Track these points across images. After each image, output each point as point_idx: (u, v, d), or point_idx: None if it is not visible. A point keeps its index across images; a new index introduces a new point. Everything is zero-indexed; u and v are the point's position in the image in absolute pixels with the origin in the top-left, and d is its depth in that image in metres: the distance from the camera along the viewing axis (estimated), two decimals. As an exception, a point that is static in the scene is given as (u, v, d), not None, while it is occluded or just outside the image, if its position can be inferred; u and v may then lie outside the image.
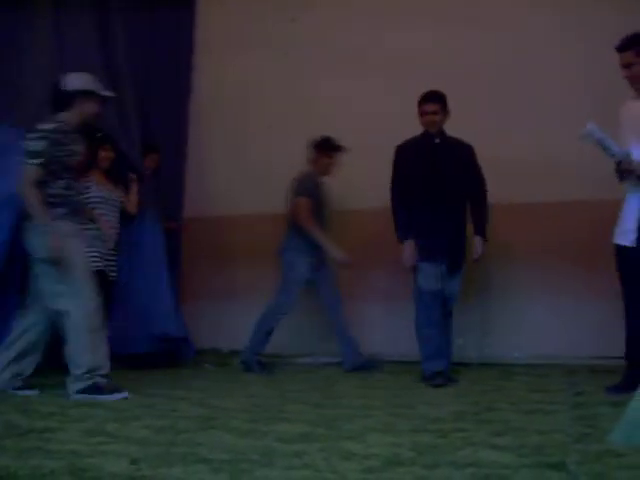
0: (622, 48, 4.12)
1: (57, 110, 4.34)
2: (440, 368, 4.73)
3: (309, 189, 5.58)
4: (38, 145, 4.20)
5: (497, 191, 5.18)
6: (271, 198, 6.17)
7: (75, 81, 4.34)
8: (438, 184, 4.84)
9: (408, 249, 4.86)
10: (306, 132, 5.82)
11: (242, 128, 6.66)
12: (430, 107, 4.88)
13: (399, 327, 5.69)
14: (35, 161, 4.19)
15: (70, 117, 4.34)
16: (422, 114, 4.90)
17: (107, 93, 4.50)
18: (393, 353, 5.95)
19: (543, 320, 5.84)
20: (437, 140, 4.93)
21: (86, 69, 4.59)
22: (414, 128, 4.97)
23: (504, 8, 6.01)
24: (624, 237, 4.20)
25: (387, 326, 6.11)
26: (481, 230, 4.97)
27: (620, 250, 4.23)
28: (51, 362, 4.66)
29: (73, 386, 4.21)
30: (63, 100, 4.32)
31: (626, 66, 4.13)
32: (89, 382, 4.19)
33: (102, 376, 4.25)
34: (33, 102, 4.90)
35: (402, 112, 5.16)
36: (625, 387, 3.85)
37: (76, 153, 4.38)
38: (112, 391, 4.22)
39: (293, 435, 3.15)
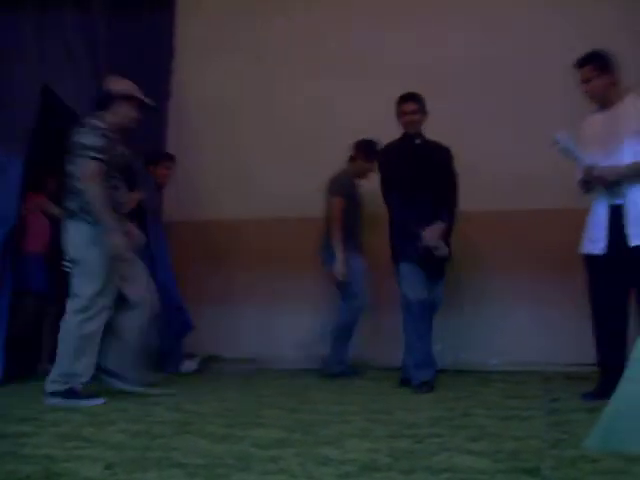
0: (581, 64, 4.25)
1: (99, 110, 4.40)
2: (427, 378, 4.72)
3: (344, 188, 5.50)
4: (98, 141, 4.21)
5: (473, 198, 5.19)
6: (259, 202, 6.17)
7: (117, 85, 4.43)
8: (420, 185, 4.82)
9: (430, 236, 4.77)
10: (292, 135, 5.79)
11: (229, 132, 6.62)
12: (409, 107, 4.90)
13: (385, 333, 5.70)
14: (99, 156, 4.20)
15: (110, 118, 4.37)
16: (402, 114, 4.92)
17: (147, 100, 4.53)
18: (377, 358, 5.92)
19: (519, 327, 5.86)
20: (418, 141, 4.95)
21: (68, 72, 4.60)
22: (395, 130, 4.99)
23: (497, 9, 6.04)
24: (593, 245, 4.23)
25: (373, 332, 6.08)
26: (444, 217, 4.84)
27: (589, 259, 4.26)
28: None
29: (49, 386, 4.20)
30: (105, 101, 4.40)
31: (585, 81, 4.25)
32: (65, 386, 4.17)
33: (80, 383, 4.23)
34: (15, 107, 4.91)
35: (383, 114, 5.17)
36: (600, 394, 3.88)
37: (121, 153, 4.40)
38: (88, 397, 4.20)
39: (269, 440, 3.15)
